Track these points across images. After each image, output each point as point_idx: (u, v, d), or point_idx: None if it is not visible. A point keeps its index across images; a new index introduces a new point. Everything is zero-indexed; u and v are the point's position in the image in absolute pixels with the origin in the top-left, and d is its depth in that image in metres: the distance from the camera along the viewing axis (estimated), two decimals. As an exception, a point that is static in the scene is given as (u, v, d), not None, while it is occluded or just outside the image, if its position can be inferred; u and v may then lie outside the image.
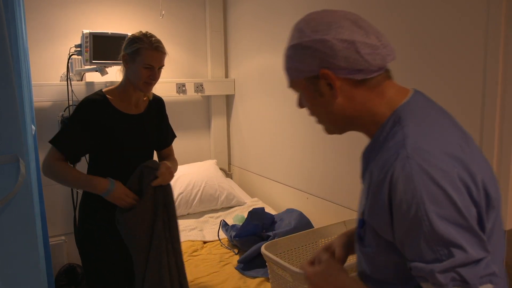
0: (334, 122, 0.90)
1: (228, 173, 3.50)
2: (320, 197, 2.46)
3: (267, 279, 1.93)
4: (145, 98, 1.86)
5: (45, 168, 1.65)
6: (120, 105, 1.74)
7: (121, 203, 1.65)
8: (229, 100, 3.51)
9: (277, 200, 2.91)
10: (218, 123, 3.49)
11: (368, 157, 0.88)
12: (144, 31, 1.76)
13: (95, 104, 1.69)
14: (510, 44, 1.41)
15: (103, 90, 1.76)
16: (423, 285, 0.73)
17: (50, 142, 1.66)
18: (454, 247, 0.68)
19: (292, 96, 2.69)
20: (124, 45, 1.76)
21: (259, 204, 2.92)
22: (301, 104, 0.96)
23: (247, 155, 3.32)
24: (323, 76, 0.83)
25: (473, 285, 0.68)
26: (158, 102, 1.92)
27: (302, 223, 2.22)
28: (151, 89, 1.78)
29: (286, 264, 1.52)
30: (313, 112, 0.92)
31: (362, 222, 0.85)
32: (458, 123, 0.85)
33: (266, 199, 3.01)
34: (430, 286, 0.71)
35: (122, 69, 1.79)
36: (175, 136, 2.01)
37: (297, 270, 1.46)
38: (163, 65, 1.75)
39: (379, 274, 0.84)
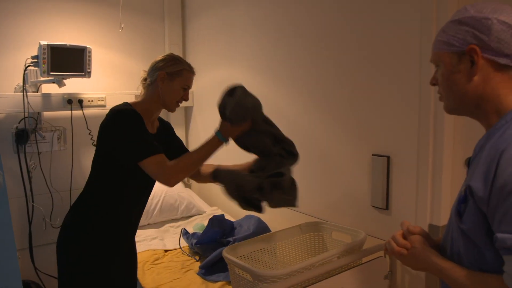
0: (460, 101, 0.95)
1: (187, 183, 3.56)
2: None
3: (228, 283, 2.01)
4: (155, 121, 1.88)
5: (168, 178, 1.61)
6: (145, 121, 1.72)
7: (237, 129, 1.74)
8: (187, 112, 3.58)
9: (236, 207, 2.98)
10: (177, 133, 3.53)
11: (483, 145, 0.92)
12: (169, 53, 1.82)
13: (134, 113, 1.67)
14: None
15: (131, 104, 1.74)
16: (505, 258, 0.80)
17: (143, 157, 1.59)
18: None
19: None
20: (162, 64, 1.76)
21: (218, 212, 3.00)
22: (434, 80, 1.01)
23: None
24: (469, 51, 0.89)
25: None
26: (167, 126, 2.00)
27: (260, 228, 2.32)
28: (176, 109, 1.83)
29: (246, 265, 1.61)
30: (444, 89, 0.97)
31: (464, 198, 0.90)
32: None
33: (225, 208, 3.09)
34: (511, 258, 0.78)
35: (144, 86, 1.80)
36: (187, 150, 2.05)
37: (257, 270, 1.55)
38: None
39: (472, 253, 0.90)
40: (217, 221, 2.33)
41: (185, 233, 2.55)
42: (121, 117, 1.65)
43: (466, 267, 0.91)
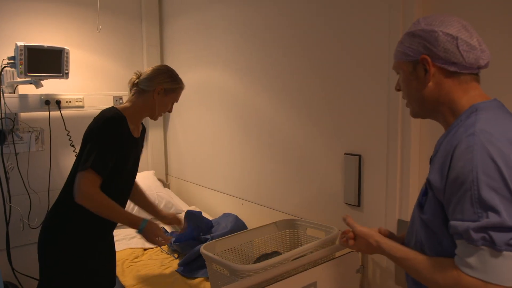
0: (421, 105, 1.05)
1: (165, 183, 3.59)
2: (253, 202, 2.64)
3: (207, 279, 2.06)
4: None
5: (85, 197, 1.62)
6: (130, 126, 1.80)
7: (152, 240, 1.75)
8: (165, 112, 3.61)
9: (214, 207, 3.05)
10: (155, 135, 3.58)
11: (441, 143, 1.01)
12: (165, 65, 1.92)
13: (119, 122, 1.73)
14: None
15: (118, 108, 1.79)
16: (457, 242, 0.88)
17: (86, 166, 1.61)
18: (492, 211, 0.82)
19: (228, 107, 2.87)
20: (161, 79, 1.82)
21: (197, 212, 3.05)
22: (398, 86, 1.13)
23: (184, 165, 3.43)
24: (422, 61, 1.01)
25: (499, 247, 0.81)
26: (145, 131, 2.01)
27: (238, 225, 2.39)
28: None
29: (224, 260, 1.67)
30: (405, 94, 1.09)
31: (425, 190, 0.99)
32: None
33: (203, 207, 3.14)
34: (463, 242, 0.86)
35: (135, 91, 1.85)
36: None
37: (233, 265, 1.61)
38: None
39: (432, 241, 0.98)
40: (192, 216, 2.38)
41: (164, 231, 2.58)
42: (100, 123, 1.71)
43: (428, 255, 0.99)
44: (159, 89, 1.81)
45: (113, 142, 1.70)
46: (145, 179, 3.18)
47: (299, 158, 2.27)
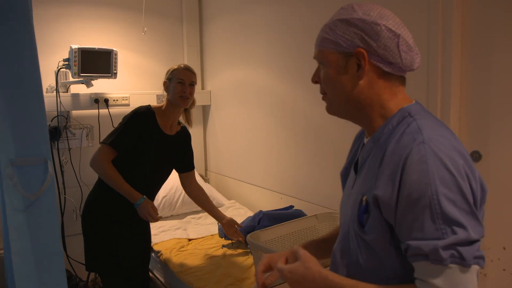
0: (345, 103, 0.92)
1: (205, 178, 3.74)
2: (292, 196, 2.74)
3: (251, 265, 2.18)
4: (178, 126, 2.23)
5: (96, 164, 2.01)
6: (160, 122, 2.10)
7: (143, 215, 2.00)
8: (205, 110, 3.76)
9: (253, 201, 3.17)
10: (195, 131, 3.72)
11: (371, 147, 0.92)
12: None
13: (146, 116, 2.07)
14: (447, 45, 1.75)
15: (152, 106, 2.12)
16: (417, 264, 0.78)
17: (105, 141, 2.01)
18: (457, 226, 0.74)
19: (266, 104, 2.98)
20: (165, 76, 2.16)
21: (236, 206, 3.18)
22: (316, 77, 0.98)
23: (223, 161, 3.57)
24: (357, 55, 0.88)
25: (468, 262, 0.74)
26: (186, 134, 2.31)
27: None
28: (187, 103, 2.12)
29: (270, 247, 1.79)
30: (327, 87, 0.94)
31: (365, 208, 0.87)
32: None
33: (243, 201, 3.27)
34: (427, 264, 0.76)
35: (164, 93, 2.15)
36: (192, 169, 2.40)
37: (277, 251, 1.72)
38: (193, 82, 2.13)
39: (373, 262, 0.87)
40: (269, 217, 2.46)
41: (220, 227, 2.67)
42: (130, 113, 2.08)
43: (366, 277, 0.86)
44: (164, 84, 2.15)
45: (135, 128, 2.02)
46: (186, 173, 3.33)
47: (336, 152, 2.35)
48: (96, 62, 2.89)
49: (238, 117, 3.29)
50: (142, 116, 2.06)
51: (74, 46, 2.77)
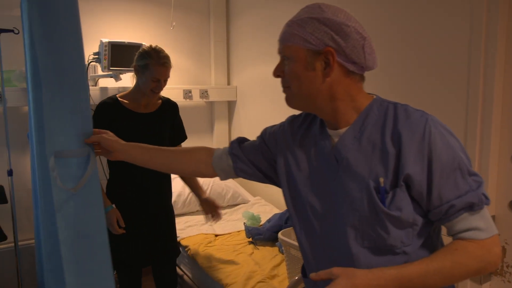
0: (311, 97, 0.97)
1: (229, 174, 3.73)
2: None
3: (280, 262, 2.16)
4: (158, 101, 2.13)
5: None
6: (130, 105, 2.03)
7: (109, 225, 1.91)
8: (231, 105, 3.75)
9: (279, 198, 3.15)
10: (220, 127, 3.72)
11: (357, 136, 0.97)
12: (154, 45, 2.02)
13: (107, 105, 2.00)
14: (490, 42, 1.69)
15: (117, 95, 2.06)
16: (461, 218, 0.89)
17: None
18: (475, 176, 0.91)
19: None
20: (135, 57, 2.02)
21: (262, 203, 3.16)
22: (279, 71, 1.03)
23: (248, 157, 3.55)
24: (326, 53, 0.92)
25: (489, 200, 0.91)
26: (172, 106, 2.20)
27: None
28: (157, 96, 2.06)
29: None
30: (293, 81, 0.98)
31: (384, 188, 0.91)
32: None
33: (268, 197, 3.25)
34: (467, 215, 0.89)
35: (134, 75, 2.07)
36: (184, 139, 2.26)
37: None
38: (168, 77, 2.02)
39: (397, 238, 0.92)
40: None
41: (245, 227, 2.65)
42: (94, 110, 2.00)
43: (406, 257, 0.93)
44: (134, 67, 2.02)
45: (100, 120, 1.94)
46: (212, 169, 3.33)
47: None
48: (125, 56, 2.89)
49: (264, 113, 3.27)
50: (103, 106, 2.00)
51: (105, 40, 2.78)
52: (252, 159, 1.22)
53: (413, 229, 0.94)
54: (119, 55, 2.86)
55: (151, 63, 1.95)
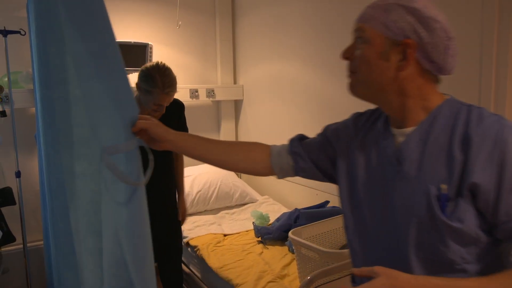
0: (379, 89, 0.90)
1: (237, 173, 3.71)
2: (328, 192, 2.68)
3: (290, 262, 2.14)
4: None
5: None
6: None
7: None
8: (237, 105, 3.73)
9: (287, 197, 3.13)
10: (227, 126, 3.70)
11: (423, 138, 0.90)
12: (160, 65, 1.91)
13: None
14: (502, 41, 1.66)
15: None
16: None
17: None
18: None
19: (301, 99, 2.92)
20: (139, 75, 1.93)
21: (270, 202, 3.14)
22: (349, 53, 0.94)
23: (256, 156, 3.52)
24: (406, 44, 0.85)
25: None
26: (179, 106, 2.18)
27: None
28: (158, 116, 1.96)
29: (315, 245, 1.74)
30: (362, 67, 0.91)
31: (446, 196, 0.84)
32: None
33: (277, 197, 3.23)
34: None
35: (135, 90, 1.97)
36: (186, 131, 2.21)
37: (323, 249, 1.68)
38: (172, 100, 1.97)
39: (457, 253, 0.84)
40: (306, 216, 2.42)
41: (254, 226, 2.63)
42: None
43: (444, 267, 0.85)
44: (137, 85, 1.94)
45: None
46: (219, 169, 3.30)
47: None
48: (131, 56, 2.89)
49: (271, 112, 3.24)
50: None
51: (111, 40, 2.76)
52: (313, 157, 1.14)
53: (477, 246, 0.85)
54: (125, 54, 2.80)
55: (155, 91, 1.87)
